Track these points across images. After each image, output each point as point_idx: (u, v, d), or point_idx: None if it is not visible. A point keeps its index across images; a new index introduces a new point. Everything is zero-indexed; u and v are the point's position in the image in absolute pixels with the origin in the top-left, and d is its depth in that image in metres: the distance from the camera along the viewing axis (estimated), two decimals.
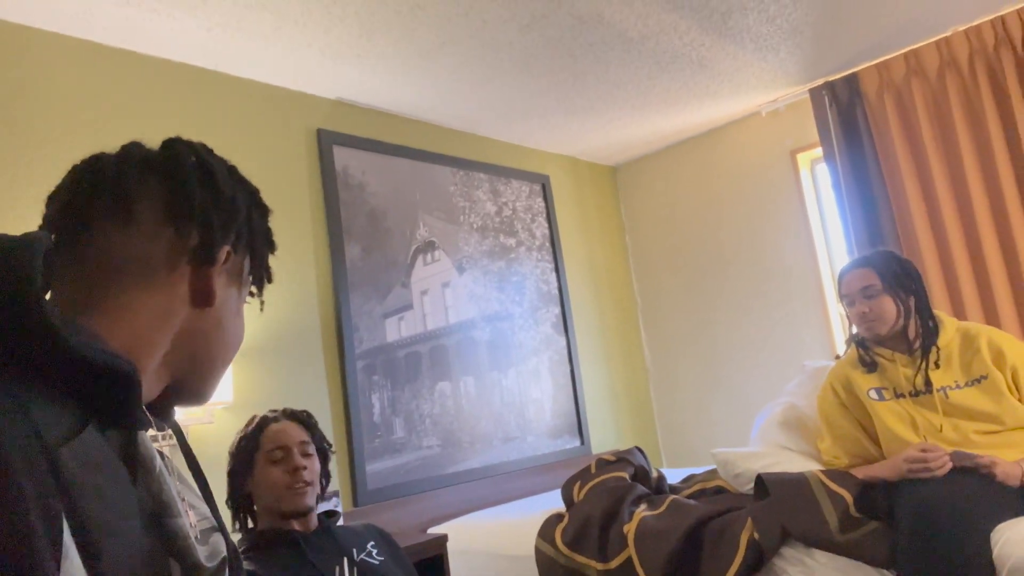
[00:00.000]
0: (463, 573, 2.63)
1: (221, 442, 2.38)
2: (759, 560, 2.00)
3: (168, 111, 2.60)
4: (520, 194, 3.85)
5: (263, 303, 0.83)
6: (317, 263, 2.91)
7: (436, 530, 2.84)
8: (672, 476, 3.09)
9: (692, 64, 3.23)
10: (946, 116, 3.32)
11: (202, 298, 0.71)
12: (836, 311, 3.75)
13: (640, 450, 2.75)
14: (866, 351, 2.24)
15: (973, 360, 2.12)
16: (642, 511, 2.27)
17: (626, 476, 2.51)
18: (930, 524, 1.76)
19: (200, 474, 0.76)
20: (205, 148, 0.76)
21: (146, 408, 0.69)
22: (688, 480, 2.73)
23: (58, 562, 0.48)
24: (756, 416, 2.99)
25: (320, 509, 1.83)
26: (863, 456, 2.21)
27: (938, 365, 2.14)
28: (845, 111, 3.55)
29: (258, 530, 1.70)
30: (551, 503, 2.80)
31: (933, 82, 3.34)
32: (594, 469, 2.57)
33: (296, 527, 1.67)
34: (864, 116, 3.51)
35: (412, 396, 3.09)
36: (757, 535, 2.01)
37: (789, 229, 3.87)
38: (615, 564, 2.18)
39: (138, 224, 0.69)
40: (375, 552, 1.72)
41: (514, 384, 3.52)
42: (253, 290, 0.81)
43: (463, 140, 3.65)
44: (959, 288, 3.23)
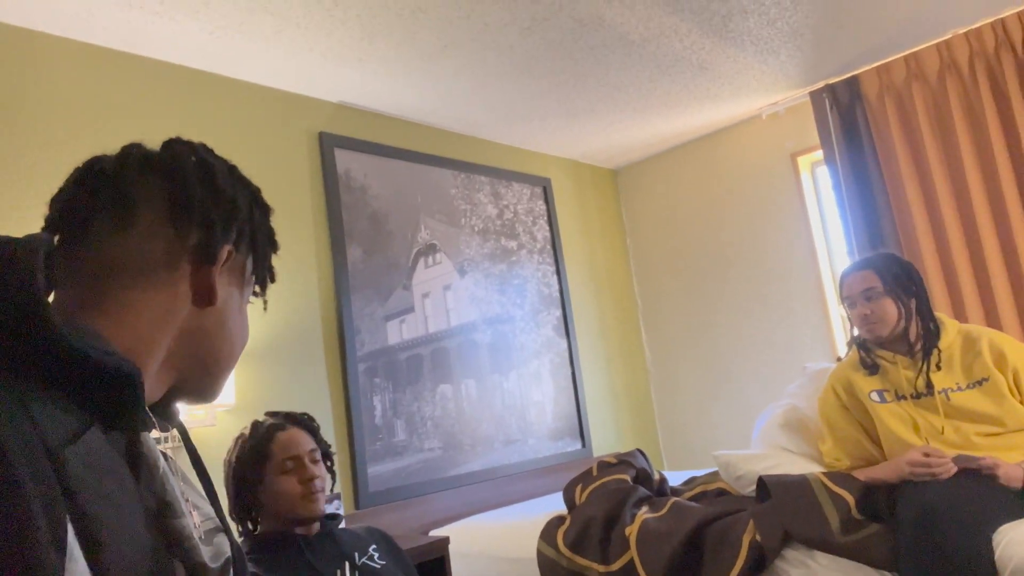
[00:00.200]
0: None
1: (223, 444, 2.38)
2: (761, 562, 2.00)
3: (170, 114, 2.60)
4: (521, 197, 3.86)
5: (266, 303, 0.83)
6: (319, 266, 2.91)
7: (437, 532, 2.84)
8: (673, 478, 3.08)
9: (693, 67, 3.24)
10: (946, 119, 3.32)
11: (204, 297, 0.71)
12: (837, 313, 3.75)
13: (641, 452, 2.75)
14: (867, 353, 2.24)
15: (974, 362, 2.12)
16: (644, 513, 2.27)
17: (628, 478, 2.51)
18: (932, 526, 1.75)
19: (205, 474, 0.76)
20: (205, 148, 0.76)
21: (150, 409, 0.69)
22: (690, 482, 2.72)
23: (63, 564, 0.48)
24: (757, 418, 2.98)
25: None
26: (864, 458, 2.21)
27: (939, 367, 2.13)
28: (845, 114, 3.55)
29: (260, 533, 1.70)
30: (553, 505, 2.80)
31: (933, 84, 3.35)
32: (596, 471, 2.57)
33: (299, 530, 1.67)
34: (864, 119, 3.52)
35: (413, 398, 3.09)
36: (759, 537, 2.01)
37: (790, 231, 3.87)
38: (617, 566, 2.17)
39: (138, 224, 0.69)
40: (377, 555, 1.72)
41: (515, 386, 3.52)
42: (256, 289, 0.81)
43: (464, 143, 3.65)
44: (960, 290, 3.23)
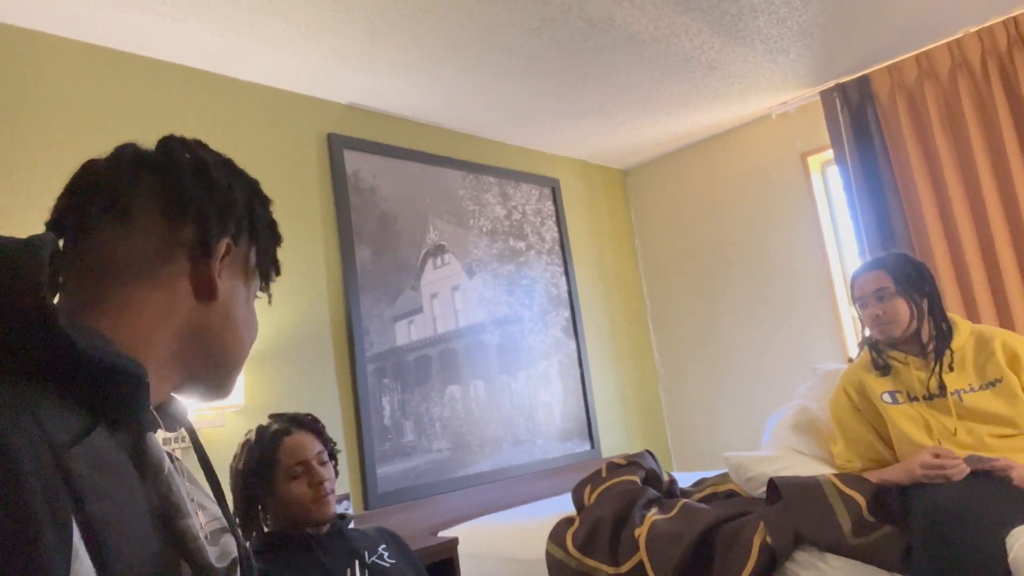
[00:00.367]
0: None
1: (232, 445, 2.38)
2: (772, 564, 1.99)
3: (176, 115, 2.61)
4: (530, 197, 3.85)
5: (271, 296, 0.83)
6: (328, 267, 2.91)
7: (446, 533, 2.83)
8: (683, 480, 3.07)
9: (702, 66, 3.22)
10: (958, 117, 3.29)
11: (204, 292, 0.71)
12: (848, 314, 3.73)
13: (651, 453, 2.74)
14: (879, 354, 2.22)
15: (987, 363, 2.10)
16: (653, 515, 2.26)
17: (637, 480, 2.50)
18: (944, 528, 1.74)
19: (213, 475, 0.76)
20: (200, 143, 0.76)
21: (157, 410, 0.69)
22: (699, 484, 2.71)
23: (68, 563, 0.48)
24: (767, 419, 2.97)
25: None
26: (876, 460, 2.19)
27: (952, 368, 2.12)
28: (856, 113, 3.53)
29: (270, 532, 1.70)
30: (561, 507, 2.79)
31: (945, 83, 3.32)
32: (605, 473, 2.57)
33: (309, 529, 1.67)
34: (875, 118, 3.49)
35: (422, 399, 3.09)
36: (770, 539, 2.00)
37: (800, 232, 3.85)
38: (626, 568, 2.16)
39: (135, 222, 0.69)
40: (387, 555, 1.72)
41: (524, 387, 3.52)
42: (262, 284, 0.81)
43: (473, 144, 3.65)
44: (972, 290, 3.21)
